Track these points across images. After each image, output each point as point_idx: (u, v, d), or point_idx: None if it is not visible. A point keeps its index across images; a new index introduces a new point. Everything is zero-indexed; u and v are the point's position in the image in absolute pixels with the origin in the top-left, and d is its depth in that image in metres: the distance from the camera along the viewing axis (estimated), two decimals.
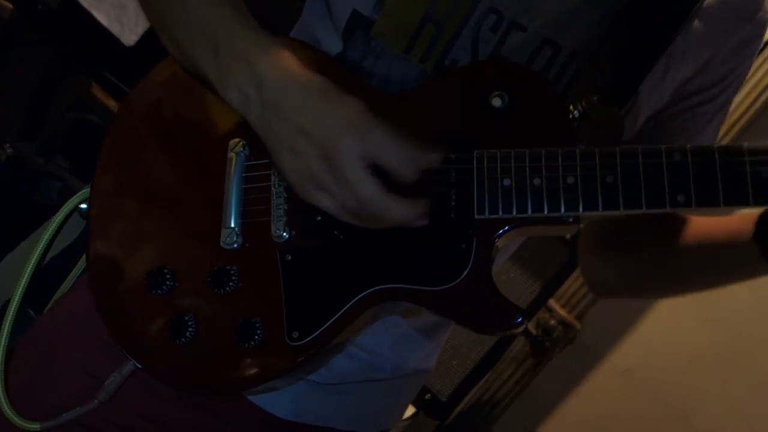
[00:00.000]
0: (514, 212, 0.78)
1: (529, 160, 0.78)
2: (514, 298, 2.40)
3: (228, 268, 0.83)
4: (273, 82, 0.75)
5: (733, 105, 2.19)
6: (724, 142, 2.15)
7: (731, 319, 2.18)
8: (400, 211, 0.74)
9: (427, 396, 2.26)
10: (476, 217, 0.79)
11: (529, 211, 0.78)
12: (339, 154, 0.71)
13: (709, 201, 0.74)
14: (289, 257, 0.83)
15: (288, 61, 0.76)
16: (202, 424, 0.93)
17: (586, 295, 2.38)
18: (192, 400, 0.91)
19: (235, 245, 0.84)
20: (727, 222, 0.88)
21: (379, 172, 0.73)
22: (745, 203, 0.73)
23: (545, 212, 0.77)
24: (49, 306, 0.96)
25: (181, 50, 0.84)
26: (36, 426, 0.87)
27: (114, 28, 2.11)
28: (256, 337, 0.82)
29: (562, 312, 2.37)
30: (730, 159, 0.73)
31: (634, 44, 0.83)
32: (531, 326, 2.36)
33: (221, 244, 0.84)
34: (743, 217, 0.85)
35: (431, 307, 0.81)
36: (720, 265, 0.89)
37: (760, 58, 2.09)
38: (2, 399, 0.88)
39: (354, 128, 0.72)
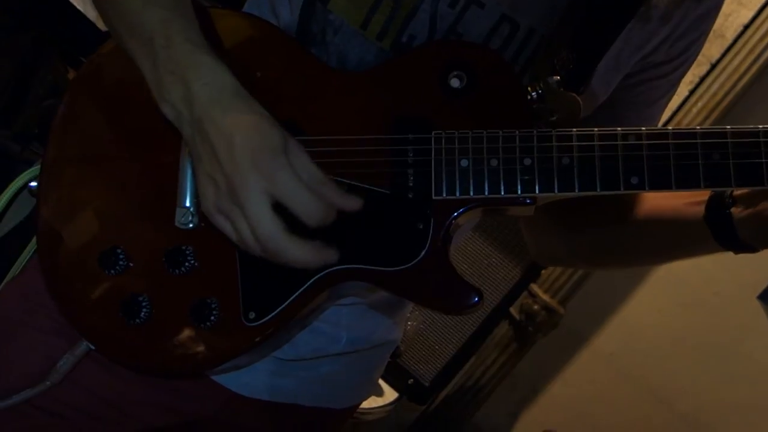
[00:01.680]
0: (471, 193, 0.79)
1: (487, 141, 0.79)
2: (496, 283, 2.39)
3: (183, 248, 0.82)
4: (203, 103, 0.73)
5: (715, 87, 2.18)
6: (706, 123, 2.15)
7: (712, 303, 2.19)
8: (297, 254, 0.73)
9: (410, 381, 2.26)
10: (434, 197, 0.79)
11: (486, 192, 0.78)
12: (243, 189, 0.70)
13: (661, 184, 0.76)
14: None
15: (223, 81, 0.75)
16: (163, 403, 0.92)
17: (569, 279, 2.38)
18: (152, 380, 0.90)
19: (191, 225, 0.83)
20: (679, 201, 0.89)
21: (284, 210, 0.72)
22: (696, 186, 0.75)
23: (502, 193, 0.78)
24: None
25: (125, 48, 0.82)
26: None
27: (90, 13, 2.09)
28: (212, 317, 0.81)
29: (545, 297, 2.37)
30: (682, 142, 0.75)
31: (590, 25, 0.83)
32: (514, 311, 2.36)
33: (176, 223, 0.83)
34: (695, 197, 0.87)
35: (389, 288, 0.81)
36: (671, 243, 0.92)
37: (740, 42, 2.09)
38: None
39: (262, 165, 0.70)
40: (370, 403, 2.15)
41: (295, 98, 0.83)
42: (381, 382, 2.26)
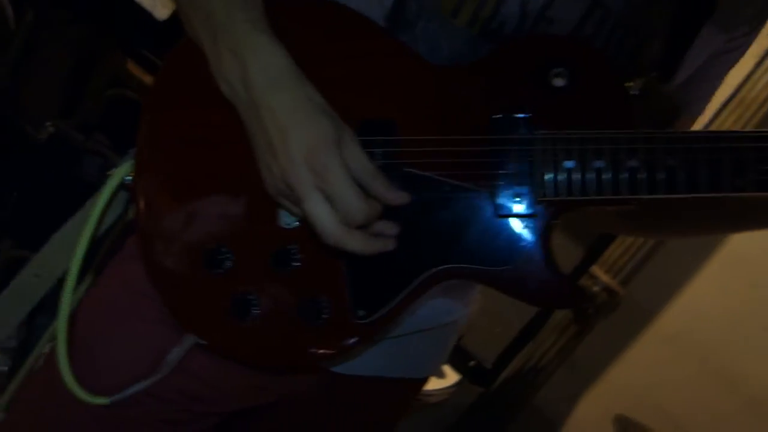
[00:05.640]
0: (577, 194, 0.78)
1: (592, 143, 0.78)
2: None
3: (288, 247, 0.82)
4: (260, 87, 0.74)
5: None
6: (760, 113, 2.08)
7: None
8: (355, 246, 0.75)
9: (472, 363, 2.26)
10: (538, 198, 0.79)
11: (591, 194, 0.78)
12: (298, 188, 0.72)
13: (766, 186, 0.76)
14: None
15: (279, 65, 0.75)
16: (259, 384, 0.94)
17: (630, 260, 2.34)
18: None
19: (295, 224, 0.82)
20: None
21: None
22: None
23: (607, 195, 0.78)
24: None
25: (188, 26, 0.81)
26: (105, 400, 0.86)
27: (145, 3, 2.09)
28: (323, 315, 0.81)
29: (605, 278, 2.33)
30: None
31: (681, 14, 0.82)
32: None
33: (280, 223, 0.82)
34: None
35: (493, 285, 0.82)
36: (752, 215, 0.90)
37: None
38: (69, 375, 0.87)
39: (315, 164, 0.72)
40: (433, 385, 2.15)
41: (392, 94, 0.82)
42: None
